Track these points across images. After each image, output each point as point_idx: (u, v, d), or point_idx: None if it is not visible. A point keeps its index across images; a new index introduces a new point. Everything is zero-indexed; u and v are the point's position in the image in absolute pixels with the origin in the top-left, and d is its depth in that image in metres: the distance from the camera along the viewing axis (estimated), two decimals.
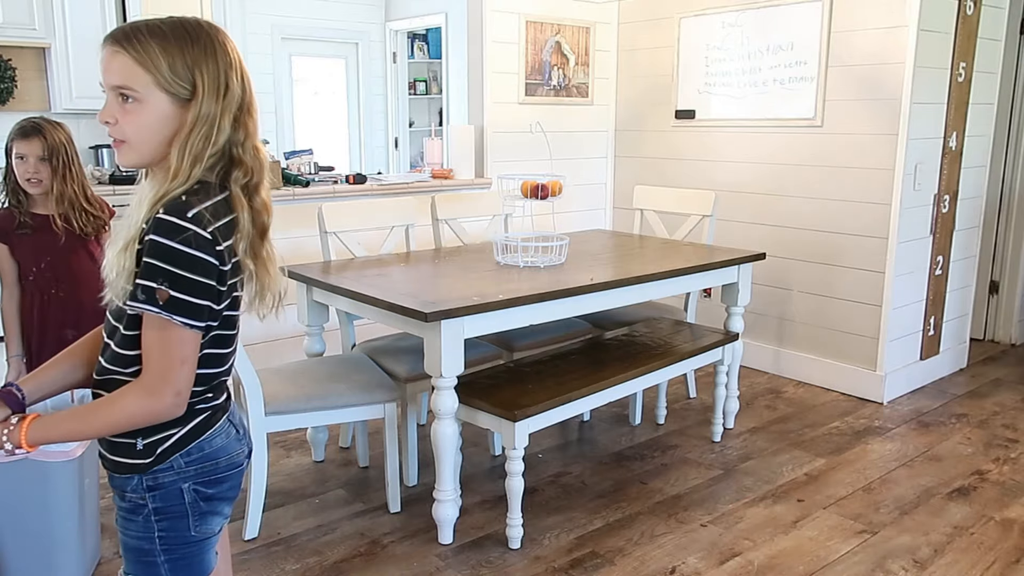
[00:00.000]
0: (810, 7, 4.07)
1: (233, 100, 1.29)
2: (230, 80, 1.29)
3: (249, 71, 1.37)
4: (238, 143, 1.31)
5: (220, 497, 1.41)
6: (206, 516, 1.40)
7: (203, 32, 1.29)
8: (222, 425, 1.41)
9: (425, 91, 7.80)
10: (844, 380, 4.17)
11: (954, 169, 4.11)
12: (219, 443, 1.39)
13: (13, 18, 5.12)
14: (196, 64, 1.26)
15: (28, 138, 2.39)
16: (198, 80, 1.26)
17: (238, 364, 2.57)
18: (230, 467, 1.41)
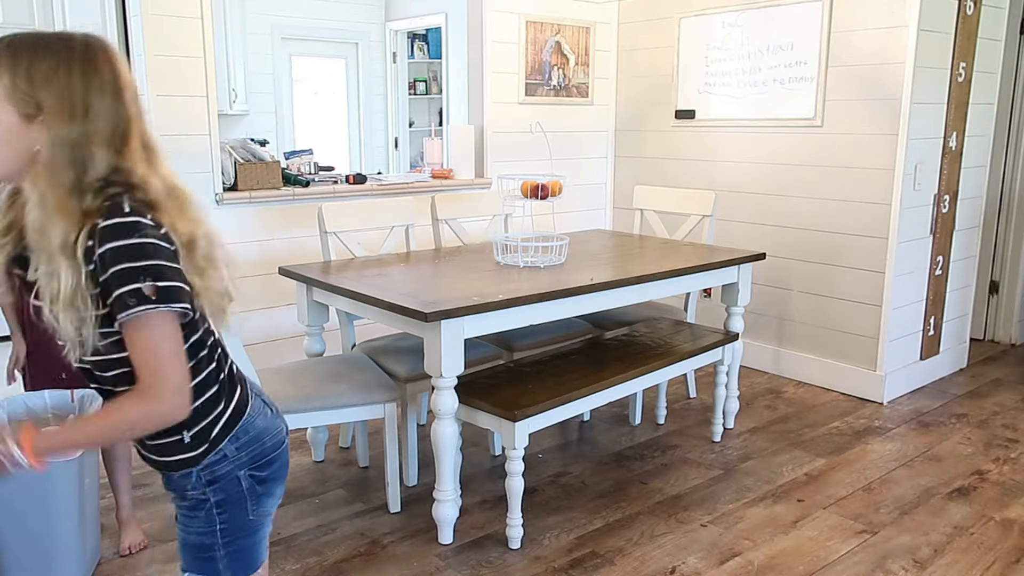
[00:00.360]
0: (810, 7, 4.07)
1: (100, 123, 1.22)
2: (91, 102, 1.21)
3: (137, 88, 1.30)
4: (128, 170, 1.25)
5: (273, 477, 1.46)
6: (262, 499, 1.45)
7: (67, 48, 1.21)
8: (257, 405, 1.45)
9: (425, 91, 7.80)
10: (844, 380, 4.17)
11: (954, 169, 4.11)
12: (261, 424, 1.43)
13: (13, 18, 5.13)
14: (44, 80, 1.19)
15: None
16: (43, 97, 1.19)
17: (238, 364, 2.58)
18: (276, 446, 1.46)
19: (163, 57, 3.44)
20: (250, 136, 4.38)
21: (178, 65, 3.48)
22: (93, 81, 1.22)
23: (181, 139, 3.53)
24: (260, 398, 1.48)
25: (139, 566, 2.56)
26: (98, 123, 1.22)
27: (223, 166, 3.68)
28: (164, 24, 3.42)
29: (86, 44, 1.24)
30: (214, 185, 3.64)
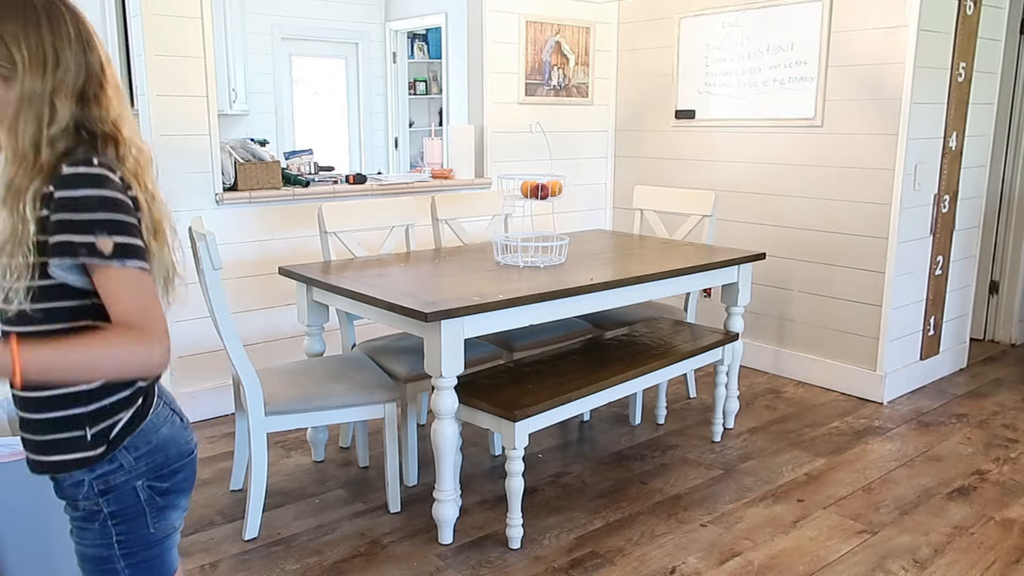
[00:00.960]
0: (810, 7, 4.07)
1: (68, 76, 1.19)
2: (61, 54, 1.19)
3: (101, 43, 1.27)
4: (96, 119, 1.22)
5: (176, 490, 1.37)
6: (164, 511, 1.35)
7: (29, 4, 1.19)
8: (162, 412, 1.35)
9: (425, 91, 7.80)
10: (844, 380, 4.17)
11: (954, 169, 4.11)
12: (165, 433, 1.34)
13: None
14: (14, 38, 1.17)
15: None
16: (16, 55, 1.16)
17: (238, 364, 2.58)
18: (181, 456, 1.37)
19: (163, 57, 3.44)
20: (250, 136, 4.38)
21: (178, 65, 3.48)
22: (62, 32, 1.20)
23: (181, 139, 3.53)
24: (169, 405, 1.38)
25: None
26: (68, 75, 1.20)
27: (223, 166, 3.68)
28: (164, 24, 3.42)
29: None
30: (214, 185, 3.64)
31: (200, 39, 3.52)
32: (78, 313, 1.23)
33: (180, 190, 3.55)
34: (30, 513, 2.24)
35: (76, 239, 1.14)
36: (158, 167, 3.51)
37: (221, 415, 3.77)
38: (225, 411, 3.76)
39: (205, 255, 2.47)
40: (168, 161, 3.51)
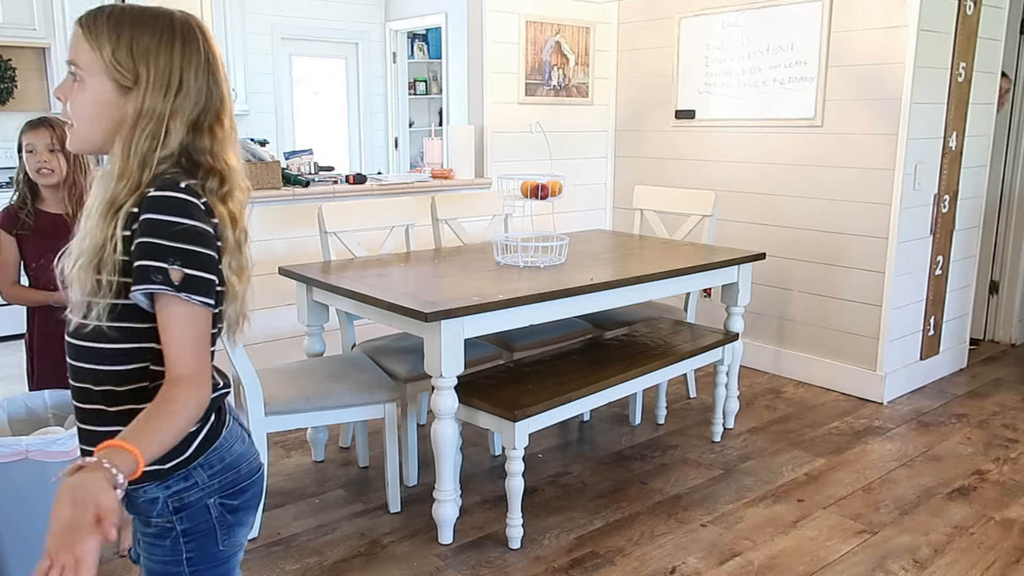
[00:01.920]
0: (810, 7, 4.07)
1: (187, 102, 1.21)
2: (186, 79, 1.21)
3: (228, 75, 1.30)
4: (203, 151, 1.23)
5: (245, 507, 1.36)
6: (233, 529, 1.35)
7: (168, 24, 1.21)
8: (235, 429, 1.37)
9: (425, 91, 7.80)
10: (844, 380, 4.17)
11: (954, 169, 4.11)
12: (238, 450, 1.35)
13: (13, 18, 5.12)
14: (144, 53, 1.19)
15: (35, 129, 2.40)
16: (142, 70, 1.18)
17: (238, 364, 2.58)
18: (251, 474, 1.37)
19: None
20: (250, 136, 4.38)
21: None
22: (192, 59, 1.22)
23: None
24: (237, 422, 1.40)
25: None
26: (187, 101, 1.21)
27: None
28: None
29: (185, 20, 1.24)
30: None
31: None
32: (144, 336, 1.23)
33: None
34: (30, 513, 2.24)
35: (151, 264, 1.14)
36: None
37: None
38: None
39: None
40: None
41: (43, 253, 2.46)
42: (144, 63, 1.19)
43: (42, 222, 2.46)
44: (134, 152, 1.18)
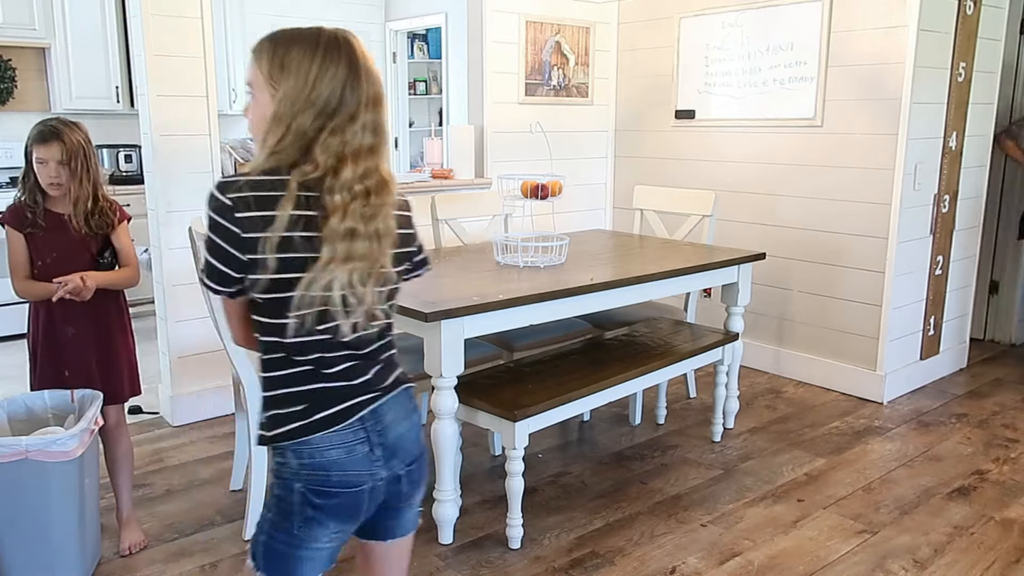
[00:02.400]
0: (810, 7, 4.07)
1: (318, 105, 1.31)
2: (317, 88, 1.31)
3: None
4: (327, 149, 1.31)
5: (327, 510, 1.38)
6: (310, 522, 1.38)
7: (315, 40, 1.35)
8: (346, 439, 1.37)
9: (425, 91, 7.79)
10: (844, 380, 4.17)
11: (954, 169, 4.11)
12: (334, 456, 1.37)
13: (13, 18, 5.12)
14: (288, 66, 1.31)
15: (47, 143, 2.38)
16: (284, 80, 1.31)
17: (238, 364, 2.58)
18: (342, 485, 1.38)
19: (163, 57, 3.44)
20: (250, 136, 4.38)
21: (178, 65, 3.48)
22: (327, 70, 1.32)
23: (181, 139, 3.53)
24: (369, 440, 1.39)
25: (139, 566, 2.56)
26: (316, 104, 1.31)
27: (223, 166, 3.68)
28: (164, 24, 3.42)
29: (331, 36, 1.36)
30: None
31: (200, 39, 3.52)
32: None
33: (180, 190, 3.55)
34: (30, 513, 2.24)
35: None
36: (159, 167, 3.52)
37: (221, 415, 3.77)
38: (225, 411, 3.76)
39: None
40: (168, 161, 3.51)
41: (50, 252, 2.46)
42: (287, 74, 1.31)
43: (50, 222, 2.46)
44: (264, 144, 1.33)
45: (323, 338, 1.35)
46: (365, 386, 1.40)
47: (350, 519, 1.43)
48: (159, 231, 3.55)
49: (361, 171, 1.32)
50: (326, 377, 1.37)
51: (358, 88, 1.33)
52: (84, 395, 2.48)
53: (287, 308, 1.31)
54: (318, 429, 1.36)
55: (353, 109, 1.32)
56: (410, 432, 1.46)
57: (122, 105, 5.62)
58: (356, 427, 1.38)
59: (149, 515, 2.87)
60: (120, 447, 2.67)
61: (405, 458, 1.45)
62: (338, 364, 1.37)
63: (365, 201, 1.32)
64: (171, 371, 3.67)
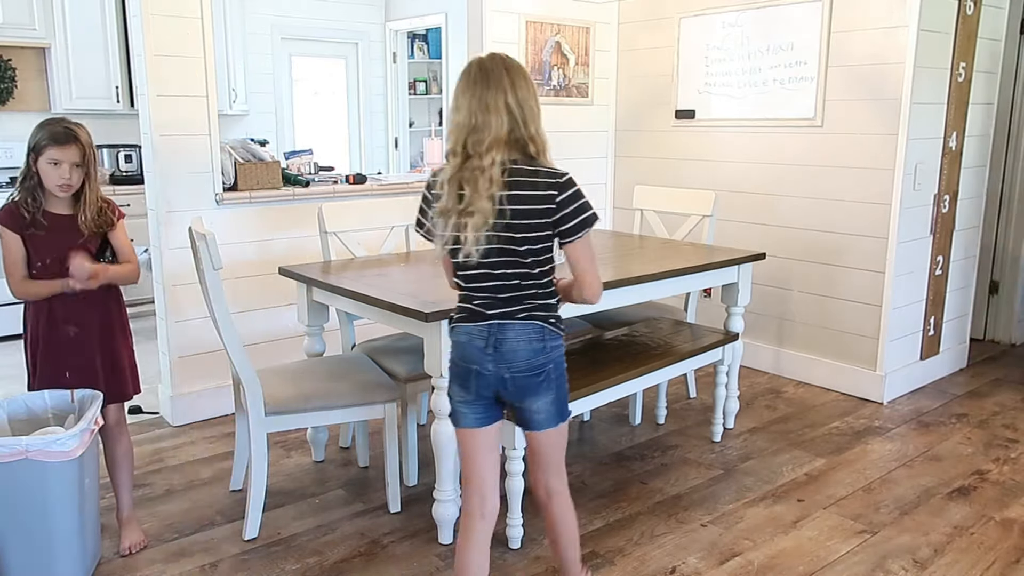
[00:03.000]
0: (810, 7, 4.07)
1: (459, 115, 1.90)
2: (459, 103, 1.90)
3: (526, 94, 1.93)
4: (468, 145, 1.90)
5: (451, 374, 2.04)
6: (452, 382, 2.04)
7: (467, 67, 1.93)
8: (469, 330, 1.98)
9: (425, 91, 7.79)
10: (844, 380, 4.17)
11: (954, 169, 4.11)
12: (457, 339, 2.02)
13: (13, 18, 5.12)
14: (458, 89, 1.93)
15: (65, 145, 2.36)
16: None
17: (238, 364, 2.58)
18: (458, 359, 2.02)
19: (163, 57, 3.44)
20: (250, 136, 4.38)
21: (178, 65, 3.48)
22: (467, 89, 1.90)
23: (181, 139, 3.53)
24: (469, 332, 1.98)
25: (139, 566, 2.56)
26: (458, 116, 1.91)
27: (223, 166, 3.68)
28: (164, 24, 3.42)
29: (476, 62, 1.92)
30: (214, 185, 3.64)
31: (200, 39, 3.52)
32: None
33: (180, 190, 3.55)
34: (30, 513, 2.24)
35: None
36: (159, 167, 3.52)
37: (221, 415, 3.77)
38: (225, 411, 3.76)
39: (205, 255, 2.47)
40: (168, 161, 3.51)
41: (50, 253, 2.45)
42: (455, 96, 1.93)
43: (50, 222, 2.44)
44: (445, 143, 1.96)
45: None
46: (494, 307, 1.97)
47: (463, 387, 2.01)
48: (159, 231, 3.55)
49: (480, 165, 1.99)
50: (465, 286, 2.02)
51: (474, 99, 1.95)
52: (84, 395, 2.48)
53: (457, 251, 1.98)
54: (452, 324, 2.06)
55: (466, 118, 1.96)
56: (520, 350, 1.95)
57: (122, 105, 5.62)
58: (467, 326, 1.99)
59: (149, 515, 2.87)
60: (120, 447, 2.67)
61: (510, 365, 1.95)
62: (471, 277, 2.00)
63: None
64: (171, 371, 3.67)
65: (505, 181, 1.88)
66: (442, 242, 1.96)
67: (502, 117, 1.87)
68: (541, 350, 1.96)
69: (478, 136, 1.87)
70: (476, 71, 1.88)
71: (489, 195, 1.86)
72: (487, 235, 1.88)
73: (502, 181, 1.87)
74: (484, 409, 2.00)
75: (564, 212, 1.95)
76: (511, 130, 1.89)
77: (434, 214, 1.98)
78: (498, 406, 2.02)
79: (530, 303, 1.98)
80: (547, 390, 1.98)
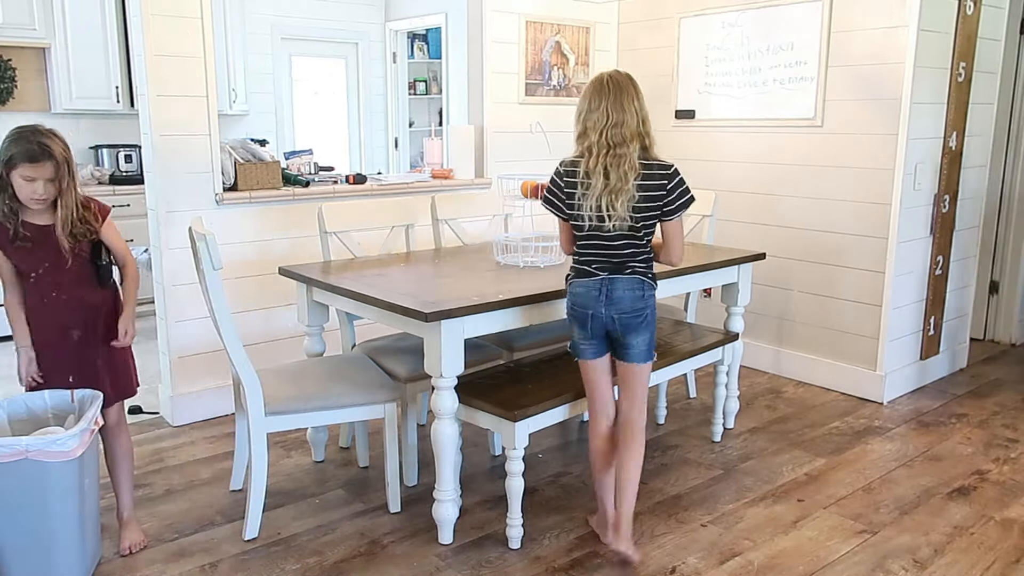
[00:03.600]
0: (810, 7, 4.07)
1: (589, 120, 2.40)
2: (581, 108, 2.43)
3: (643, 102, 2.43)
4: (585, 136, 2.42)
5: (573, 318, 2.52)
6: (573, 324, 2.53)
7: (591, 86, 2.43)
8: (586, 283, 2.46)
9: (425, 91, 7.79)
10: (844, 380, 4.17)
11: (954, 169, 4.11)
12: (575, 290, 2.49)
13: (13, 18, 5.12)
14: (582, 99, 2.45)
15: (38, 162, 2.30)
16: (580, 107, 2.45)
17: (238, 364, 2.58)
18: (576, 306, 2.50)
19: (163, 57, 3.44)
20: (250, 136, 4.38)
21: (178, 65, 3.48)
22: (587, 101, 2.42)
23: (181, 139, 3.53)
24: (596, 286, 2.44)
25: (139, 566, 2.56)
26: (588, 119, 2.40)
27: (223, 166, 3.68)
28: (164, 24, 3.42)
29: (598, 78, 2.43)
30: (214, 185, 3.64)
31: (200, 39, 3.52)
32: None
33: (180, 190, 3.55)
34: (30, 513, 2.24)
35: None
36: (159, 167, 3.52)
37: (221, 415, 3.77)
38: (225, 411, 3.76)
39: (205, 255, 2.47)
40: (168, 161, 3.51)
41: (41, 263, 2.42)
42: (581, 104, 2.44)
43: (34, 233, 2.41)
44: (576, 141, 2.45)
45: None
46: (606, 267, 2.47)
47: (582, 327, 2.50)
48: (159, 231, 3.55)
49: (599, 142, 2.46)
50: (584, 252, 2.51)
51: (593, 104, 2.44)
52: (84, 395, 2.48)
53: (584, 227, 2.47)
54: (576, 278, 2.51)
55: (600, 118, 2.44)
56: (626, 298, 2.44)
57: (122, 105, 5.62)
58: (584, 279, 2.47)
59: (149, 515, 2.87)
60: (120, 446, 2.67)
61: (618, 309, 2.44)
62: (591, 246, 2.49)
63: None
64: (171, 371, 3.67)
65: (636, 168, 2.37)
66: (587, 216, 2.40)
67: (634, 116, 2.37)
68: (640, 297, 2.46)
69: (617, 130, 2.34)
70: (608, 80, 2.39)
71: (628, 178, 2.34)
72: (621, 210, 2.36)
73: (637, 168, 2.35)
74: (598, 344, 2.52)
75: (672, 196, 2.43)
76: (637, 127, 2.37)
77: (579, 194, 2.40)
78: (608, 342, 2.52)
79: (634, 263, 2.47)
80: (644, 329, 2.50)
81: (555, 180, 2.46)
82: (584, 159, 2.39)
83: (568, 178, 2.43)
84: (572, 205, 2.42)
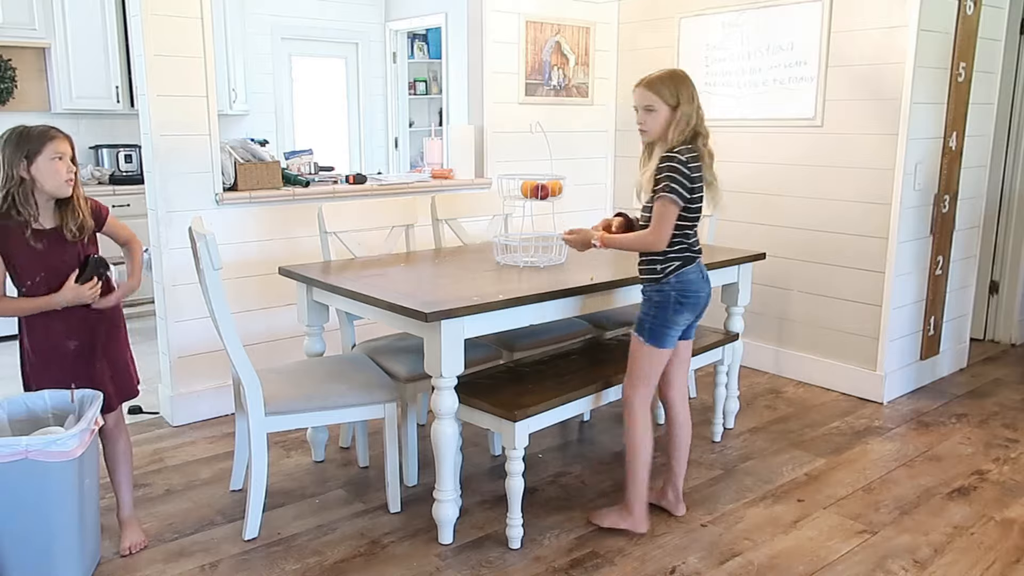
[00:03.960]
0: (810, 7, 4.07)
1: (695, 106, 2.60)
2: (693, 96, 2.61)
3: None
4: (700, 126, 2.63)
5: (686, 306, 2.65)
6: (680, 312, 2.65)
7: (678, 74, 2.65)
8: (694, 268, 2.65)
9: (425, 91, 7.79)
10: (844, 380, 4.17)
11: (954, 169, 4.11)
12: (690, 277, 2.63)
13: (13, 18, 5.13)
14: (678, 89, 2.59)
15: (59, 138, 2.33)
16: (681, 97, 2.58)
17: (238, 364, 2.58)
18: (694, 293, 2.65)
19: (163, 57, 3.44)
20: (250, 136, 4.38)
21: (178, 65, 3.48)
22: (690, 87, 2.63)
23: (181, 139, 3.53)
24: (700, 271, 2.69)
25: (139, 566, 2.56)
26: (694, 105, 2.61)
27: (223, 166, 3.68)
28: (164, 24, 3.42)
29: (682, 72, 2.67)
30: (214, 185, 3.64)
31: (200, 39, 3.52)
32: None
33: (180, 190, 3.56)
34: (30, 513, 2.24)
35: (659, 184, 2.54)
36: (159, 167, 3.52)
37: (221, 415, 3.77)
38: (225, 411, 3.76)
39: (205, 255, 2.47)
40: (168, 161, 3.51)
41: (39, 271, 2.40)
42: (681, 93, 2.59)
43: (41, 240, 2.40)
44: (677, 134, 2.57)
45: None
46: (700, 251, 2.71)
47: (693, 311, 2.70)
48: (159, 231, 3.55)
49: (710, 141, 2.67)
50: (687, 241, 2.67)
51: (696, 95, 2.65)
52: (84, 395, 2.48)
53: (694, 217, 2.64)
54: (685, 267, 2.65)
55: (699, 105, 2.65)
56: (709, 278, 2.75)
57: (122, 105, 5.62)
58: (695, 267, 2.67)
59: (149, 515, 2.87)
60: (119, 446, 2.67)
61: (711, 287, 2.76)
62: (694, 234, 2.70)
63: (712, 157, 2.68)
64: (171, 371, 3.67)
65: None
66: (703, 204, 2.65)
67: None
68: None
69: (703, 124, 2.66)
70: (688, 77, 2.66)
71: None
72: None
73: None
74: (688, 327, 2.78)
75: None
76: None
77: (705, 183, 2.64)
78: None
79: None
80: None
81: (682, 171, 2.53)
82: (701, 149, 2.62)
83: (693, 164, 2.56)
84: (694, 190, 2.56)
